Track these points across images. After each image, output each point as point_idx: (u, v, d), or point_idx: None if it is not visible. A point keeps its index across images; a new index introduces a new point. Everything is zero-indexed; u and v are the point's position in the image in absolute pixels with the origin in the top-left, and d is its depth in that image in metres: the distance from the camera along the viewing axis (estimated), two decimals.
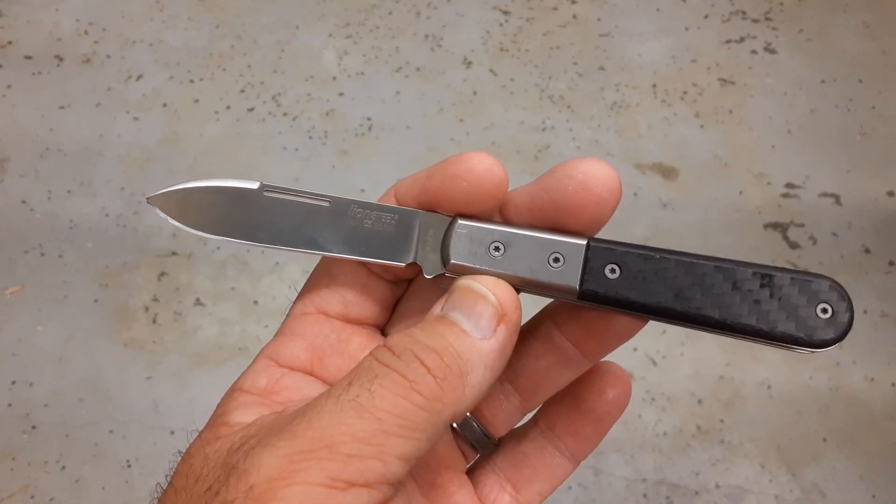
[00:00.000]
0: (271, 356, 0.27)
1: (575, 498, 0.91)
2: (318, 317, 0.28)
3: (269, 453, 0.20)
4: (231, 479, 0.20)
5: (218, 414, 0.25)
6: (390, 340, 0.23)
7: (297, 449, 0.20)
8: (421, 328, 0.24)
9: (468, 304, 0.24)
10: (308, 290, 0.29)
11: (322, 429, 0.21)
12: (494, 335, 0.24)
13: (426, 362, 0.22)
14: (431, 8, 1.44)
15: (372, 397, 0.21)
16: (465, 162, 0.26)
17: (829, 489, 0.93)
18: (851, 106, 1.32)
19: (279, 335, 0.28)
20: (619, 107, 1.31)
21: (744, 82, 1.35)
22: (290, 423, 0.21)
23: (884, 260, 1.13)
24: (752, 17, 1.45)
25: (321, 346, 0.27)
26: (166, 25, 1.40)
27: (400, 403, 0.21)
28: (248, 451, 0.21)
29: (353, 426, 0.20)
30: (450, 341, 0.23)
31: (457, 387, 0.22)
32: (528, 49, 1.39)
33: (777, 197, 1.20)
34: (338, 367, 0.27)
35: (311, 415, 0.21)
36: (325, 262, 0.29)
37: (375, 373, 0.22)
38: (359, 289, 0.28)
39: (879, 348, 1.04)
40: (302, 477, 0.20)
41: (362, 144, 1.24)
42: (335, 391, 0.22)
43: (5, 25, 1.38)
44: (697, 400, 0.99)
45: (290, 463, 0.20)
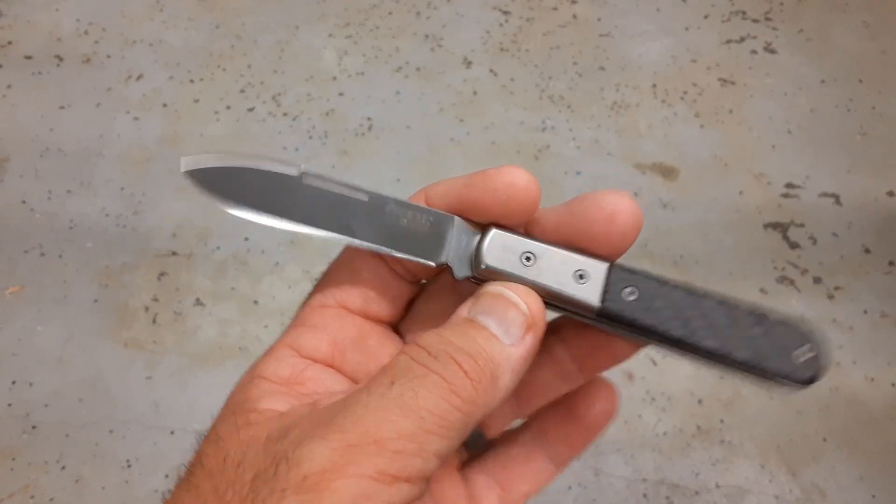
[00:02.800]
0: (292, 346, 0.27)
1: (575, 498, 0.91)
2: (339, 311, 0.28)
3: (320, 445, 0.21)
4: (280, 468, 0.21)
5: (242, 400, 0.25)
6: (424, 340, 0.24)
7: (347, 443, 0.21)
8: (452, 330, 0.24)
9: (500, 310, 0.25)
10: (329, 282, 0.29)
11: (369, 424, 0.22)
12: (522, 342, 0.25)
13: (463, 365, 0.23)
14: (431, 8, 1.44)
15: (416, 397, 0.22)
16: (507, 176, 0.27)
17: (829, 489, 0.93)
18: (851, 106, 1.32)
19: (299, 326, 0.28)
20: (619, 107, 1.31)
21: (744, 82, 1.35)
22: (333, 416, 0.22)
23: (884, 260, 1.13)
24: (752, 17, 1.45)
25: (342, 341, 0.28)
26: (166, 25, 1.40)
27: (440, 404, 0.22)
28: (296, 441, 0.22)
29: (398, 423, 0.22)
30: (482, 345, 0.24)
31: (489, 390, 0.23)
32: (528, 49, 1.39)
33: (777, 197, 1.20)
34: (357, 363, 0.28)
35: (357, 410, 0.22)
36: (347, 255, 0.29)
37: (416, 373, 0.23)
38: (379, 286, 0.29)
39: (879, 348, 1.04)
40: (353, 469, 0.21)
41: (362, 144, 1.24)
42: (377, 388, 0.23)
43: (5, 25, 1.38)
44: (697, 400, 0.99)
45: (341, 456, 0.21)
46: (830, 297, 1.09)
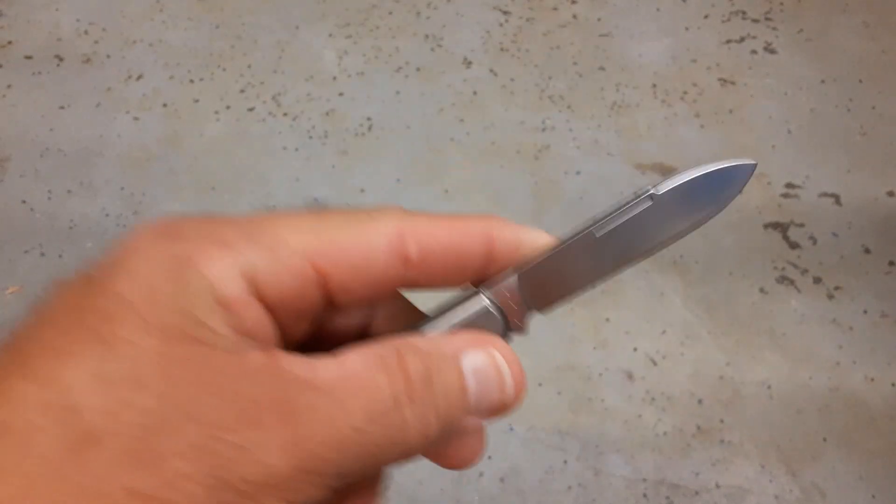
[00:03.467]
0: (247, 266, 0.22)
1: (575, 498, 0.91)
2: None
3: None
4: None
5: (184, 304, 0.20)
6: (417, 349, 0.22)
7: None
8: (433, 361, 0.22)
9: (491, 383, 0.23)
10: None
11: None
12: (478, 420, 0.23)
13: (417, 407, 0.21)
14: (431, 8, 1.44)
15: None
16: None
17: (829, 489, 0.93)
18: (852, 106, 1.32)
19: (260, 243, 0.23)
20: (619, 107, 1.31)
21: (744, 82, 1.35)
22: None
23: (884, 260, 1.13)
24: (752, 17, 1.45)
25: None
26: (166, 25, 1.40)
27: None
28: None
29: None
30: (451, 398, 0.22)
31: (420, 434, 0.21)
32: (528, 49, 1.39)
33: (777, 197, 1.20)
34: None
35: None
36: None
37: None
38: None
39: (879, 348, 1.04)
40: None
41: (362, 144, 1.24)
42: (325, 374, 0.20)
43: (5, 25, 1.38)
44: (697, 400, 0.99)
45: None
46: (830, 297, 1.09)
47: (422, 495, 0.91)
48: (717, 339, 1.05)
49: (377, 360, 0.21)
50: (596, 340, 1.04)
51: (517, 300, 0.25)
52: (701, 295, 1.09)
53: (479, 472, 0.93)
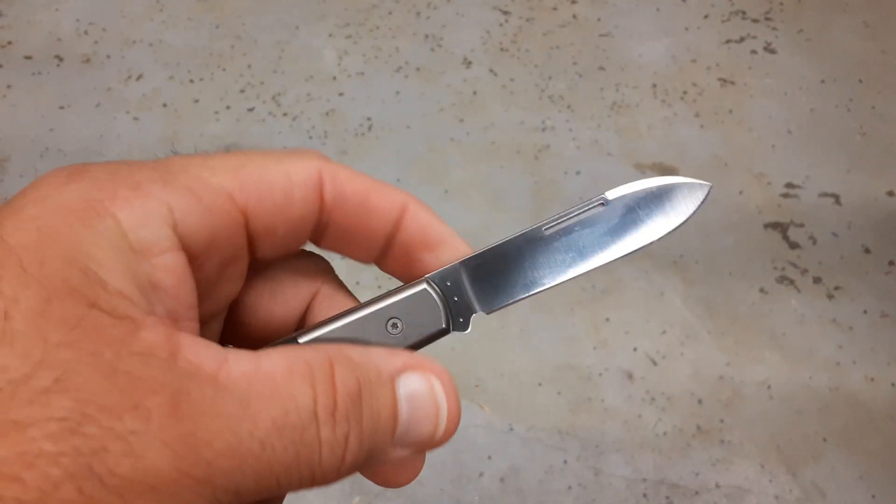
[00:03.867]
0: (170, 207, 0.19)
1: (575, 498, 0.91)
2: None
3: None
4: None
5: (78, 253, 0.18)
6: (341, 367, 0.19)
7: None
8: (371, 382, 0.19)
9: (425, 417, 0.21)
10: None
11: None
12: (401, 452, 0.21)
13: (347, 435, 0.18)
14: (431, 8, 1.44)
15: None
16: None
17: (828, 489, 0.93)
18: (851, 106, 1.32)
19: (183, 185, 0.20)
20: (619, 107, 1.31)
21: (744, 82, 1.35)
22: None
23: (884, 260, 1.13)
24: (751, 16, 1.45)
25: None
26: (166, 25, 1.40)
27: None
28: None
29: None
30: (380, 423, 0.19)
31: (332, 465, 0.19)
32: (528, 49, 1.39)
33: (777, 197, 1.20)
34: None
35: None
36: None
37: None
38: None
39: (879, 348, 1.04)
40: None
41: (362, 144, 1.24)
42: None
43: (5, 25, 1.38)
44: (697, 400, 0.99)
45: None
46: (830, 297, 1.09)
47: (422, 495, 0.91)
48: (717, 339, 1.05)
49: (302, 365, 0.18)
50: (596, 340, 1.04)
51: (461, 293, 0.24)
52: (701, 295, 1.09)
53: (480, 472, 0.93)
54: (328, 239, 0.23)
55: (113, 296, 0.16)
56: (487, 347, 1.02)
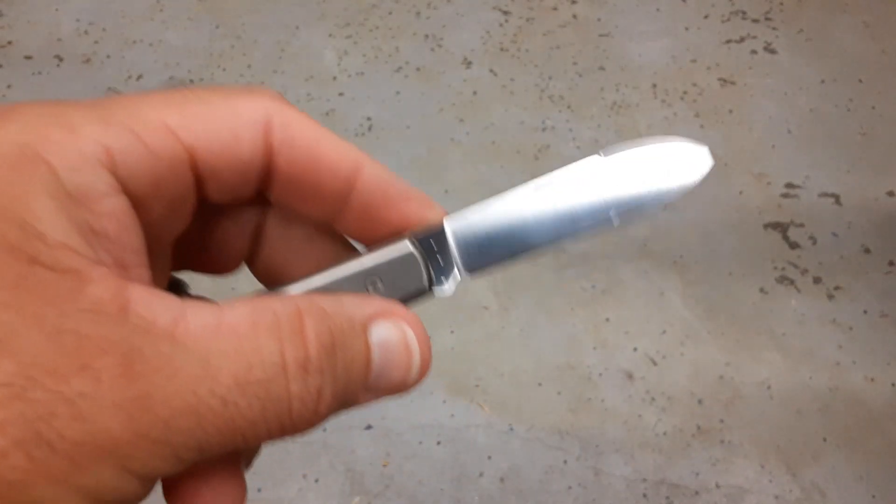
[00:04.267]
0: (108, 145, 0.18)
1: (575, 498, 0.91)
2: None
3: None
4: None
5: (16, 207, 0.16)
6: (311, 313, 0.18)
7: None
8: (344, 333, 0.19)
9: (398, 362, 0.20)
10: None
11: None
12: (373, 395, 0.20)
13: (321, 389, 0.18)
14: (431, 8, 1.44)
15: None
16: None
17: (828, 489, 0.93)
18: (851, 106, 1.32)
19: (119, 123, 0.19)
20: (619, 107, 1.31)
21: (744, 82, 1.35)
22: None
23: (884, 260, 1.13)
24: (752, 17, 1.45)
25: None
26: (166, 25, 1.40)
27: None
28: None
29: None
30: (354, 370, 0.19)
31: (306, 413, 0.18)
32: (528, 49, 1.39)
33: (777, 197, 1.20)
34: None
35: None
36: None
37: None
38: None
39: (879, 348, 1.04)
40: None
41: (362, 144, 1.24)
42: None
43: (5, 25, 1.38)
44: (697, 400, 0.99)
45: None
46: (830, 297, 1.09)
47: (422, 495, 0.91)
48: (717, 339, 1.05)
49: (268, 316, 0.17)
50: (596, 340, 1.04)
51: (444, 252, 0.22)
52: (701, 295, 1.09)
53: (480, 472, 0.93)
54: (276, 188, 0.21)
55: (54, 249, 0.15)
56: (487, 347, 1.02)
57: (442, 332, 1.03)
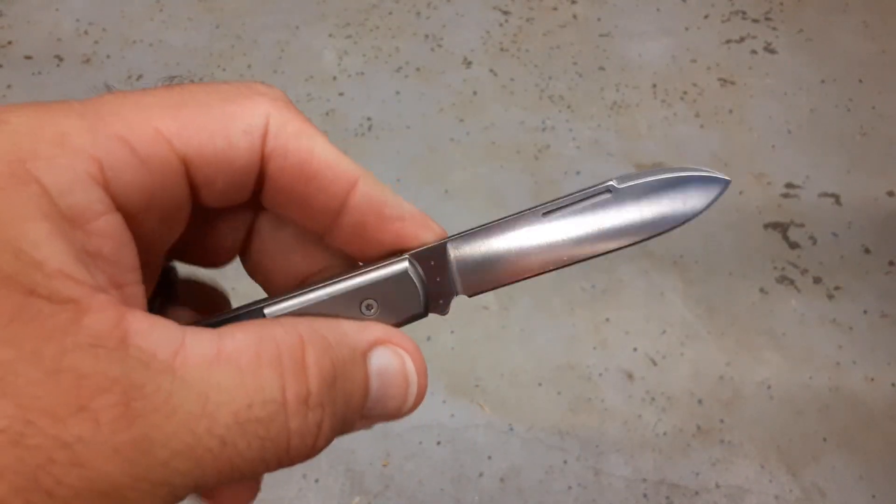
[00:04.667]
0: (99, 160, 0.17)
1: (575, 498, 0.91)
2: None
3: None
4: None
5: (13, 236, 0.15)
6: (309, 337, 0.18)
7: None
8: (345, 363, 0.18)
9: (395, 389, 0.20)
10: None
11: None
12: (366, 424, 0.20)
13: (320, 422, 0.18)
14: (431, 8, 1.44)
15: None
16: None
17: (829, 489, 0.93)
18: (851, 106, 1.32)
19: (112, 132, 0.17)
20: (619, 107, 1.31)
21: (744, 82, 1.35)
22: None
23: (884, 260, 1.13)
24: (752, 17, 1.45)
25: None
26: (166, 25, 1.40)
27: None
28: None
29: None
30: (352, 398, 0.19)
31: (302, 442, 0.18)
32: (528, 49, 1.39)
33: (777, 197, 1.20)
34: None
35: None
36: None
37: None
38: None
39: (879, 348, 1.04)
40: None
41: (362, 144, 1.24)
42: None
43: (5, 25, 1.38)
44: (697, 400, 0.99)
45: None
46: (830, 297, 1.09)
47: (422, 495, 0.91)
48: (717, 339, 1.05)
49: (270, 347, 0.16)
50: (596, 340, 1.04)
51: (444, 273, 0.22)
52: (701, 295, 1.09)
53: (480, 472, 0.93)
54: (267, 195, 0.20)
55: (52, 278, 0.14)
56: (487, 347, 1.02)
57: (442, 332, 1.03)
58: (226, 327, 0.17)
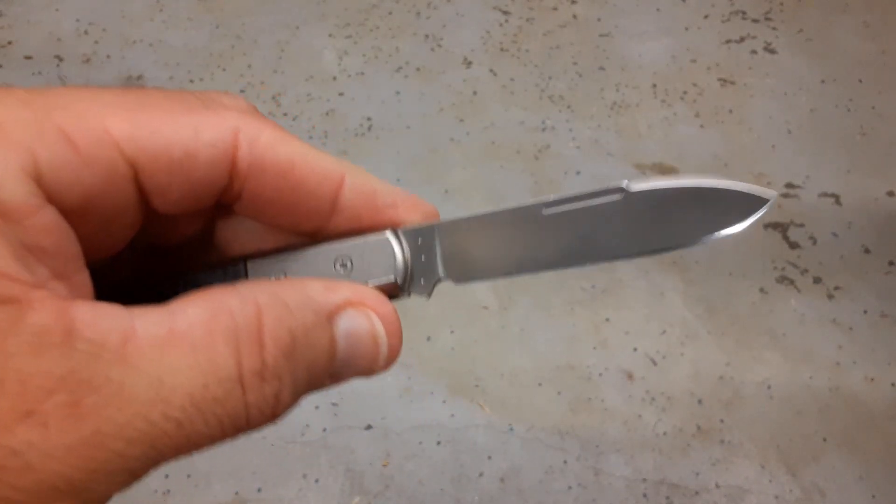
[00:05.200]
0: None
1: (575, 498, 0.92)
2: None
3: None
4: None
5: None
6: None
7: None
8: (297, 313, 0.17)
9: (364, 350, 0.19)
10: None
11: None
12: (336, 380, 0.20)
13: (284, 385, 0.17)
14: (431, 8, 1.44)
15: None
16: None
17: (829, 489, 0.93)
18: (851, 106, 1.32)
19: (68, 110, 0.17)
20: (619, 107, 1.31)
21: (744, 82, 1.35)
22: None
23: (884, 260, 1.13)
24: (752, 16, 1.45)
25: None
26: (166, 25, 1.40)
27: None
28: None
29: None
30: (320, 357, 0.18)
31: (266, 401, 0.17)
32: (528, 49, 1.39)
33: (777, 197, 1.20)
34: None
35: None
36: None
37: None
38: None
39: (879, 348, 1.04)
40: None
41: (362, 144, 1.24)
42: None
43: (5, 25, 1.38)
44: (697, 400, 0.99)
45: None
46: (830, 297, 1.09)
47: (422, 495, 0.91)
48: (717, 339, 1.05)
49: (225, 319, 0.16)
50: (596, 340, 1.04)
51: (429, 254, 0.21)
52: (701, 295, 1.09)
53: (479, 472, 0.93)
54: (244, 206, 0.20)
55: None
56: (487, 347, 1.02)
57: (442, 332, 1.03)
58: (178, 302, 0.16)
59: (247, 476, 0.90)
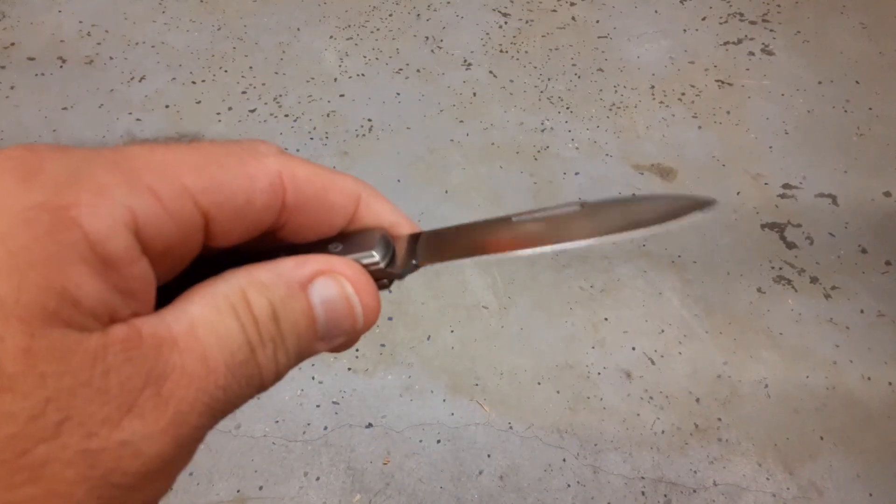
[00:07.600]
0: (131, 207, 0.19)
1: (574, 496, 0.92)
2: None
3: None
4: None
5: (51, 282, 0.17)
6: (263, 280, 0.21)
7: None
8: (283, 298, 0.20)
9: (341, 319, 0.22)
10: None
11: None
12: (319, 349, 0.22)
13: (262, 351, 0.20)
14: (431, 10, 1.45)
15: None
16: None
17: (826, 487, 0.94)
18: (848, 107, 1.32)
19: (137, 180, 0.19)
20: (617, 108, 1.31)
21: (741, 83, 1.36)
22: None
23: (880, 260, 1.14)
24: (749, 18, 1.46)
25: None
26: (168, 27, 1.40)
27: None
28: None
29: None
30: (298, 329, 0.21)
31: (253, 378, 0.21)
32: (527, 50, 1.40)
33: (774, 197, 1.20)
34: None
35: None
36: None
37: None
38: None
39: (876, 347, 1.05)
40: None
41: (363, 145, 1.25)
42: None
43: (8, 27, 1.39)
44: (695, 399, 1.00)
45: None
46: (827, 296, 1.10)
47: (422, 493, 0.92)
48: (715, 339, 1.05)
49: (223, 301, 0.19)
50: (594, 339, 1.04)
51: (412, 247, 0.24)
52: (699, 294, 1.09)
53: (479, 470, 0.93)
54: (284, 233, 0.23)
55: (86, 316, 0.17)
56: (487, 346, 1.03)
57: (442, 331, 1.03)
58: (182, 299, 0.19)
59: (249, 474, 0.90)
